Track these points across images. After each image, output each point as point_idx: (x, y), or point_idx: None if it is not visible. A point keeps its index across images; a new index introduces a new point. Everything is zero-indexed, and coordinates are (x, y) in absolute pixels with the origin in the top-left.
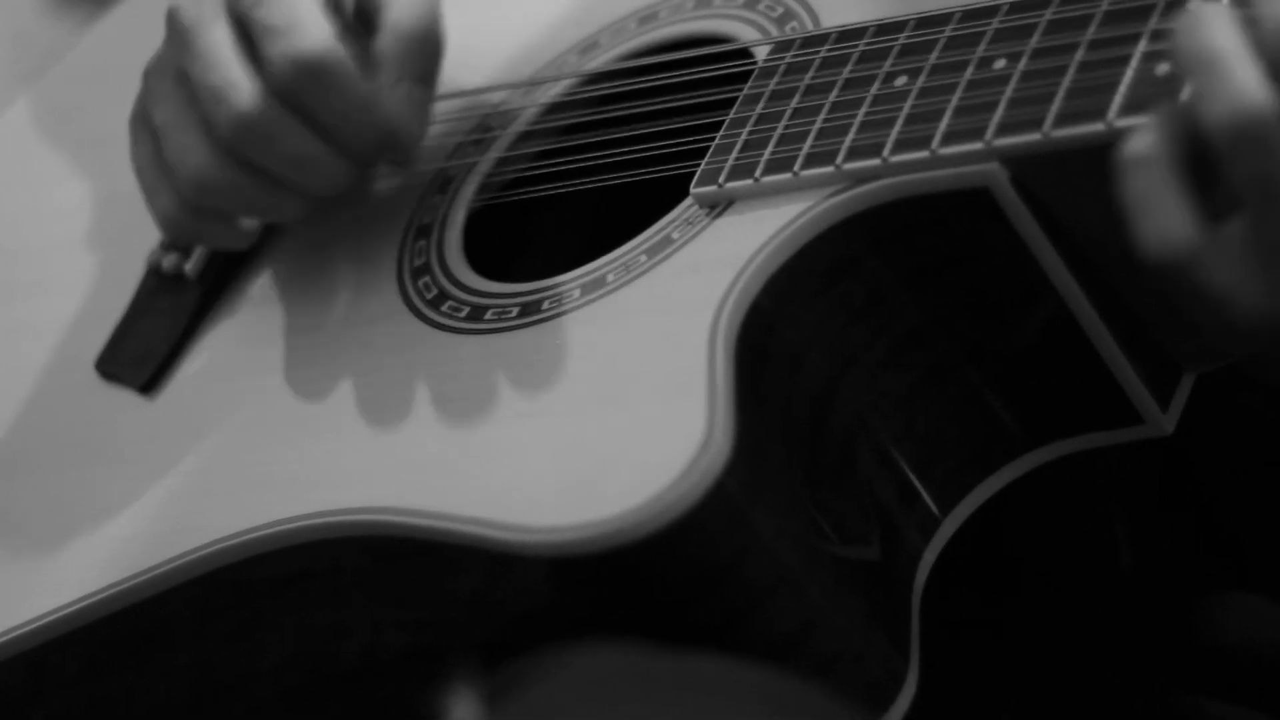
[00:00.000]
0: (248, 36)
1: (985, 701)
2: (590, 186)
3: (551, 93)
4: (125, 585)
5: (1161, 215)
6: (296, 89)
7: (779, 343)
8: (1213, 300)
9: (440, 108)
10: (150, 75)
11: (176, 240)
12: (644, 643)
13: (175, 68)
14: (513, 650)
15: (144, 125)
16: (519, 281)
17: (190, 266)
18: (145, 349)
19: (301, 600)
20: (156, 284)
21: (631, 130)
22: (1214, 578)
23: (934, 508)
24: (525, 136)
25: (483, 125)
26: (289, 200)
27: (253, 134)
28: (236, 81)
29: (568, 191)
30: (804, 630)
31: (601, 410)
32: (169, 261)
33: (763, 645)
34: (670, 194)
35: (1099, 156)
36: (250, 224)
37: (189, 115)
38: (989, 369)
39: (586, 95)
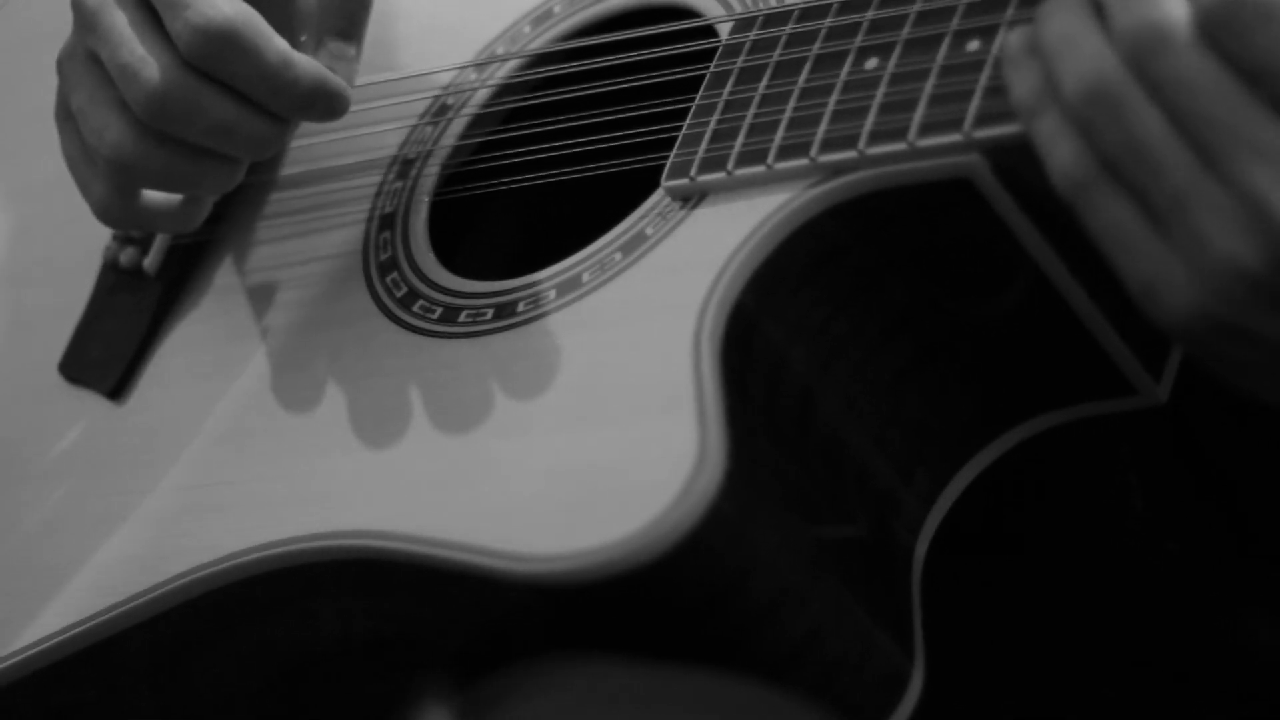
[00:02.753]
0: (154, 12)
1: (993, 688)
2: (558, 179)
3: (505, 70)
4: (107, 616)
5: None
6: (207, 56)
7: (763, 341)
8: (1141, 290)
9: (392, 88)
10: (63, 64)
11: (117, 228)
12: (642, 663)
13: (85, 51)
14: (494, 666)
15: (67, 117)
16: (476, 264)
17: (149, 262)
18: (110, 351)
19: (287, 622)
20: (115, 280)
21: (594, 117)
22: (1217, 530)
23: (928, 488)
24: (484, 119)
25: (439, 105)
26: (216, 168)
27: (170, 108)
28: (146, 57)
29: (535, 184)
30: (809, 639)
31: (587, 427)
32: (126, 256)
33: (769, 659)
34: (635, 173)
35: None
36: (190, 204)
37: (103, 95)
38: (978, 348)
39: (544, 75)
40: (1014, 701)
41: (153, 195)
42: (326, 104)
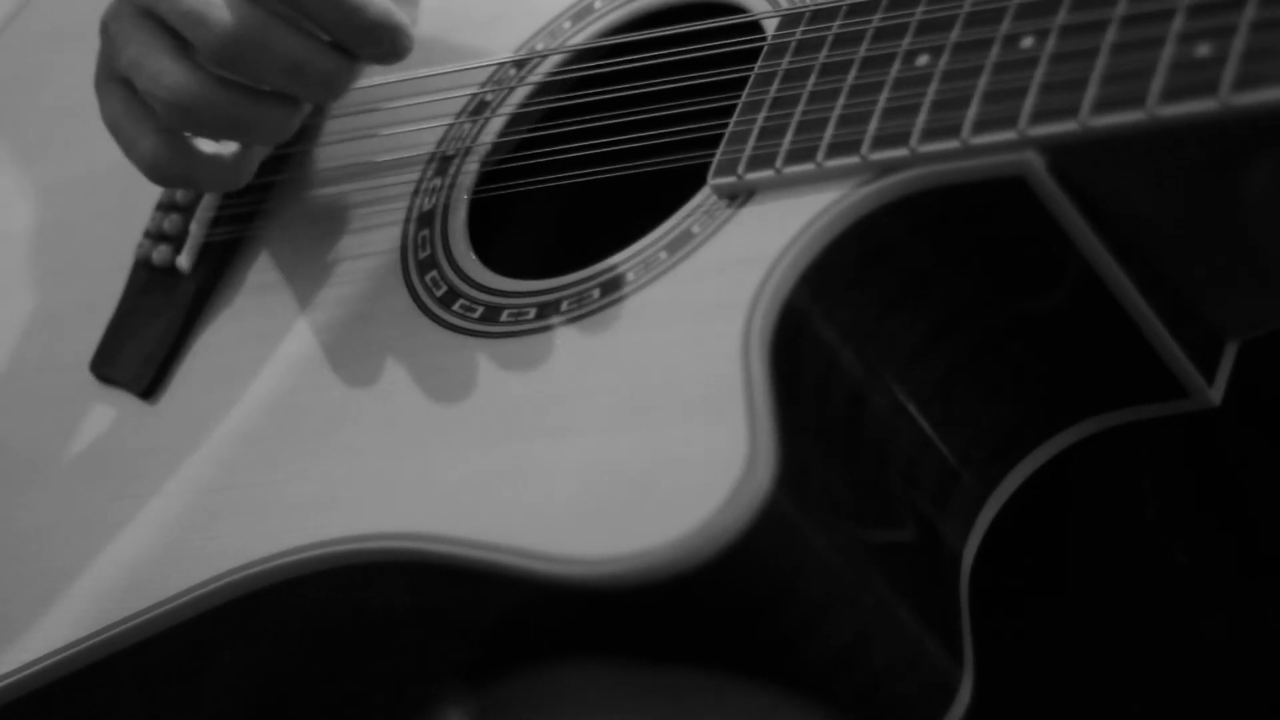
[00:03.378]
0: None
1: (1042, 687)
2: (597, 178)
3: (546, 67)
4: (144, 618)
5: None
6: None
7: (812, 340)
8: None
9: (429, 84)
10: (109, 23)
11: (165, 184)
12: (678, 667)
13: (134, 8)
14: (520, 667)
15: (109, 79)
16: (510, 262)
17: (183, 259)
18: (142, 350)
19: (325, 623)
20: (148, 278)
21: (634, 115)
22: (1226, 536)
23: (976, 492)
24: (523, 116)
25: (478, 101)
26: (277, 112)
27: (242, 48)
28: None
29: (573, 182)
30: (858, 643)
31: (634, 428)
32: (159, 254)
33: (817, 662)
34: (677, 173)
35: (1138, 138)
36: (242, 156)
37: (160, 43)
38: (1028, 349)
39: (584, 72)
40: (1028, 710)
41: (204, 146)
42: (393, 36)
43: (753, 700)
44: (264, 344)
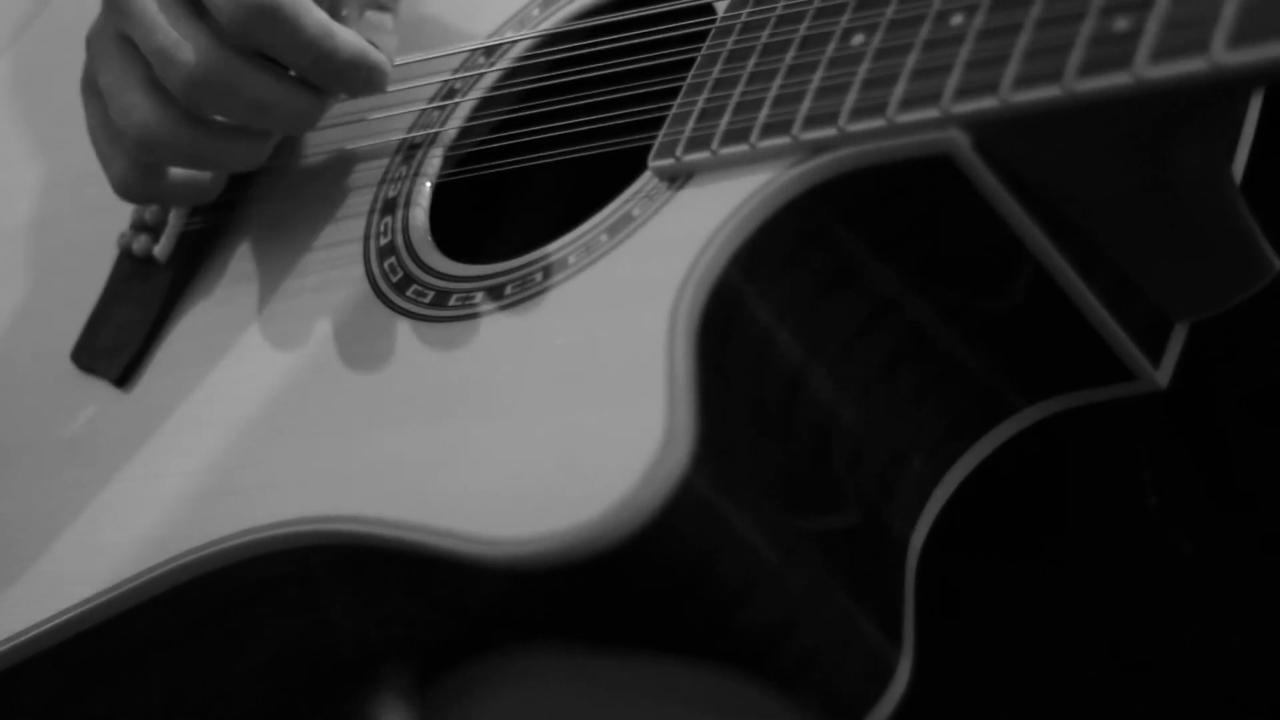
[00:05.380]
0: None
1: (996, 684)
2: (556, 160)
3: (511, 54)
4: (102, 600)
5: None
6: (250, 32)
7: (746, 324)
8: None
9: (403, 72)
10: (92, 41)
11: (135, 203)
12: (614, 650)
13: (115, 31)
14: (464, 656)
15: (93, 92)
16: (487, 254)
17: (160, 249)
18: (119, 339)
19: (270, 608)
20: (129, 268)
21: (593, 97)
22: (1228, 522)
23: (924, 477)
24: (487, 103)
25: (445, 90)
26: (246, 146)
27: (210, 88)
28: (183, 39)
29: (533, 165)
30: (785, 624)
31: (563, 409)
32: (139, 244)
33: (743, 644)
34: (638, 157)
35: (1063, 114)
36: (212, 180)
37: (133, 75)
38: (969, 332)
39: (548, 58)
40: (1015, 698)
41: (173, 173)
42: (367, 76)
43: (689, 681)
44: (233, 332)
